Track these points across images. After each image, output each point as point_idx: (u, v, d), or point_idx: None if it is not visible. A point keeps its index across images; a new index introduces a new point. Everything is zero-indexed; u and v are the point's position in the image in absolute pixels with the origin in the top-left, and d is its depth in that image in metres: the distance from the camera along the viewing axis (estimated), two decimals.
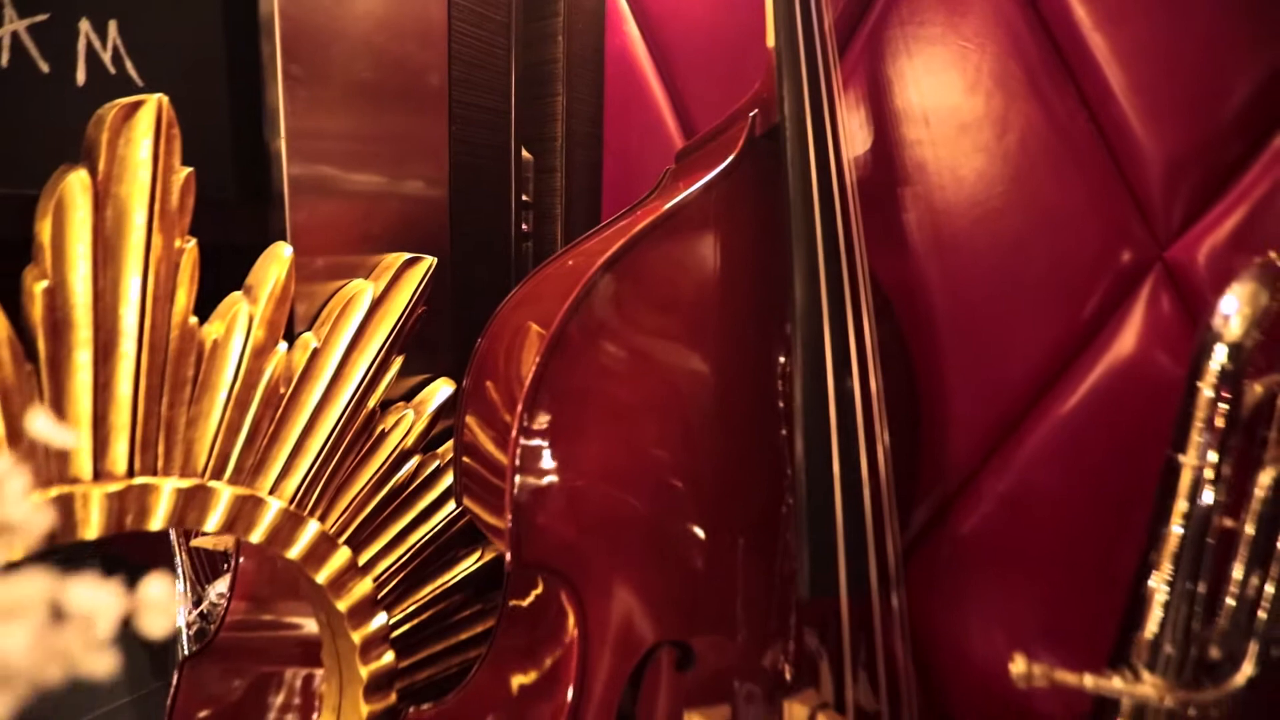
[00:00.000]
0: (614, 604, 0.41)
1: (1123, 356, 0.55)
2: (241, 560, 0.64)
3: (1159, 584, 0.41)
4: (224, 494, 0.44)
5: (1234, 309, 0.39)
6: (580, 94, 0.73)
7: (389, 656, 0.54)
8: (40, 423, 0.18)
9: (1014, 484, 0.59)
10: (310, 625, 0.64)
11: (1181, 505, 0.40)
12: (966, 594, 0.63)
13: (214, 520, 0.44)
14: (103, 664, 0.16)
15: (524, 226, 0.72)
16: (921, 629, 0.63)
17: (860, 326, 0.45)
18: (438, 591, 0.59)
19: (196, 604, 0.97)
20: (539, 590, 0.44)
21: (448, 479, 0.59)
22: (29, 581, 0.15)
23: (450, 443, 0.60)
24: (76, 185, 0.37)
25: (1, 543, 0.15)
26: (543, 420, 0.39)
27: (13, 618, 0.14)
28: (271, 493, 0.47)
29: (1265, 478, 0.41)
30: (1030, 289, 0.57)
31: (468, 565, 0.62)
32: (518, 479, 0.38)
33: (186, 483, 0.43)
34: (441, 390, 0.60)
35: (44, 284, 0.37)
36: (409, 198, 0.59)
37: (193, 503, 0.43)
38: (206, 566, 0.91)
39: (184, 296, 0.43)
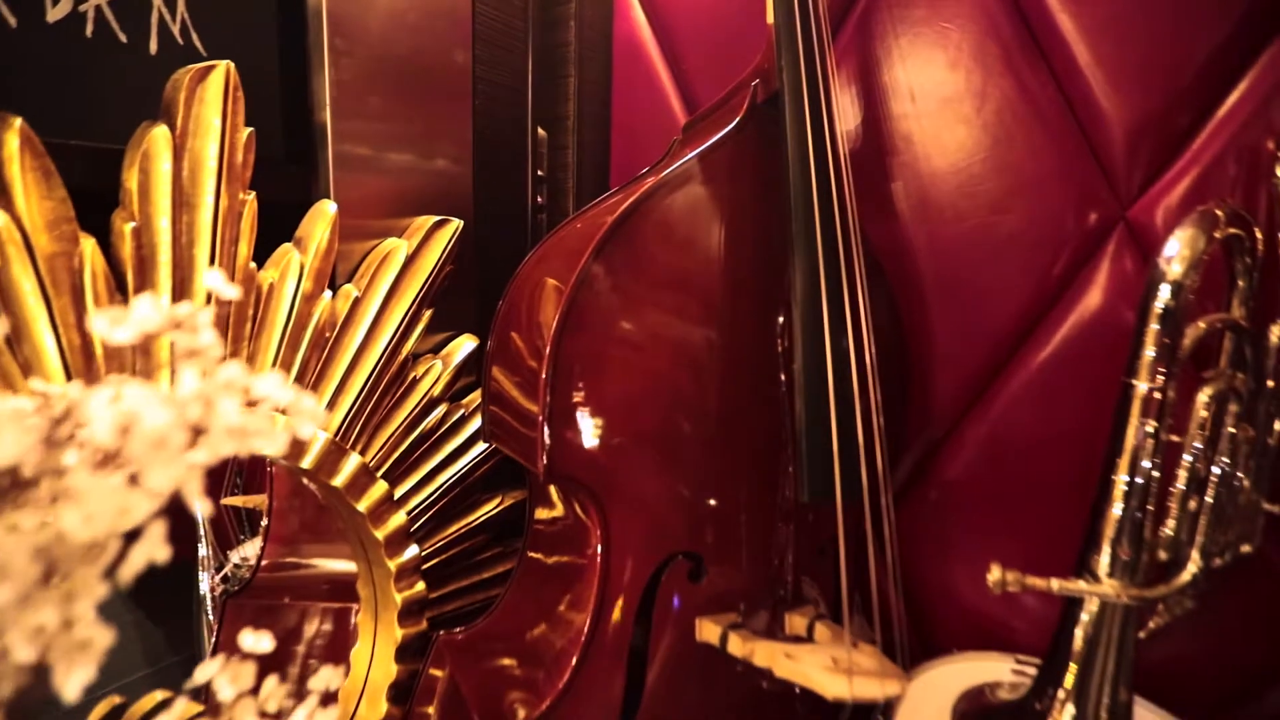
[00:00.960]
0: (633, 515, 0.46)
1: (1091, 310, 0.60)
2: (274, 504, 0.69)
3: (1115, 496, 0.47)
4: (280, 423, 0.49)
5: (1175, 252, 0.45)
6: (591, 76, 0.78)
7: (420, 585, 0.59)
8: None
9: (994, 429, 0.65)
10: (338, 565, 0.68)
11: (1133, 423, 0.45)
12: (953, 534, 0.68)
13: (274, 446, 0.48)
14: (275, 444, 0.21)
15: (539, 199, 0.77)
16: (912, 570, 0.69)
17: (853, 277, 0.50)
18: (462, 531, 0.64)
19: (219, 569, 1.02)
20: (564, 508, 0.49)
21: (470, 427, 0.64)
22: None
23: (473, 394, 0.66)
24: (160, 139, 0.42)
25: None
26: (570, 349, 0.44)
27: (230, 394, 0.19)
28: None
29: (1203, 395, 0.46)
30: (1008, 249, 0.62)
31: (489, 509, 0.67)
32: (549, 399, 0.43)
33: None
34: (465, 345, 0.65)
35: (132, 224, 0.42)
36: (437, 168, 0.64)
37: None
38: (235, 525, 0.95)
39: (245, 244, 0.47)
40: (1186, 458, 0.48)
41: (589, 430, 0.45)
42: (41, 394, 0.20)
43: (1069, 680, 0.49)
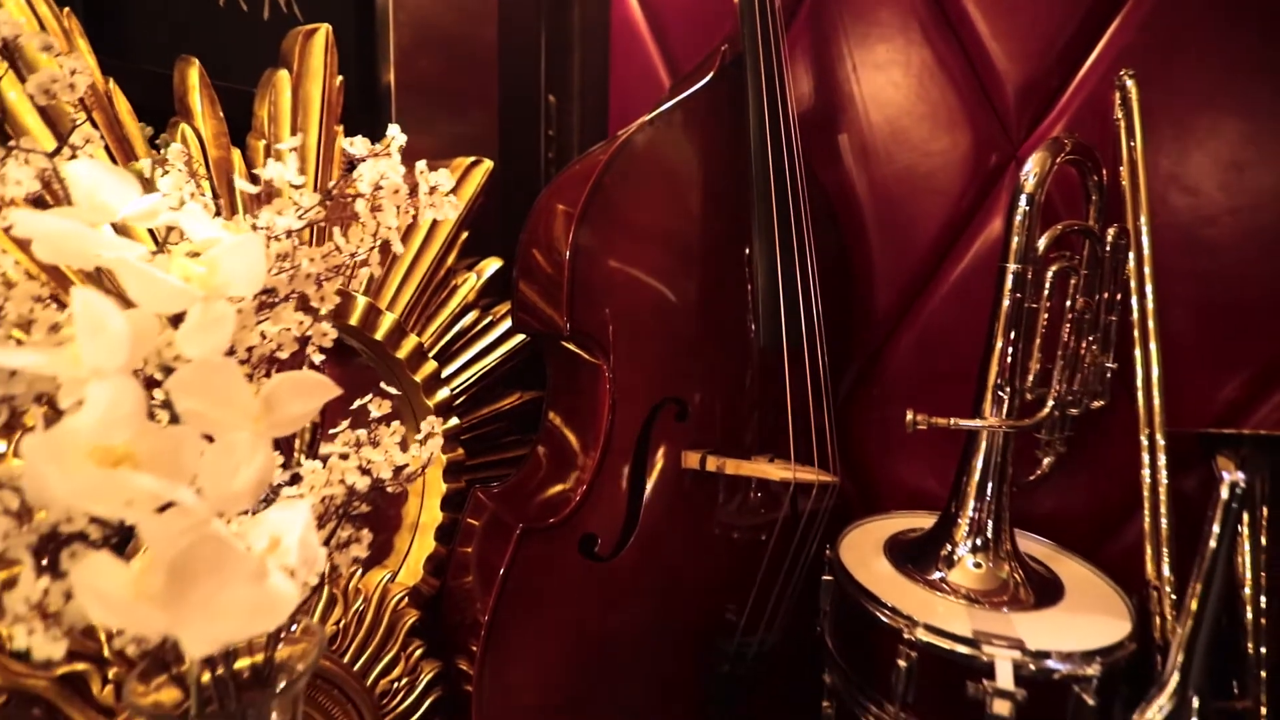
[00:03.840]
0: (633, 365, 0.61)
1: (994, 230, 0.76)
2: None
3: (994, 351, 0.62)
4: (360, 302, 0.64)
5: (1029, 170, 0.61)
6: (592, 50, 0.93)
7: (459, 450, 0.74)
8: None
9: (922, 331, 0.81)
10: None
11: (1005, 295, 0.61)
12: (891, 421, 0.83)
13: (356, 318, 0.63)
14: (447, 210, 0.36)
15: (549, 154, 0.92)
16: (858, 452, 0.84)
17: (798, 193, 0.65)
18: (489, 415, 0.79)
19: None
20: (580, 364, 0.64)
21: (497, 331, 0.79)
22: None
23: (499, 305, 0.80)
24: (284, 79, 0.57)
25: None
26: (583, 245, 0.59)
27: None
28: (388, 309, 0.66)
29: (1048, 272, 0.62)
30: (928, 184, 0.78)
31: (509, 401, 0.82)
32: (570, 274, 0.58)
33: None
34: (493, 264, 0.79)
35: (262, 142, 0.56)
36: (471, 121, 0.79)
37: (350, 306, 0.63)
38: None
39: (336, 167, 0.62)
40: (1043, 320, 0.64)
41: (599, 297, 0.60)
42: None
43: (968, 503, 0.65)
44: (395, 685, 0.63)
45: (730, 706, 0.67)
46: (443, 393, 0.72)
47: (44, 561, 0.30)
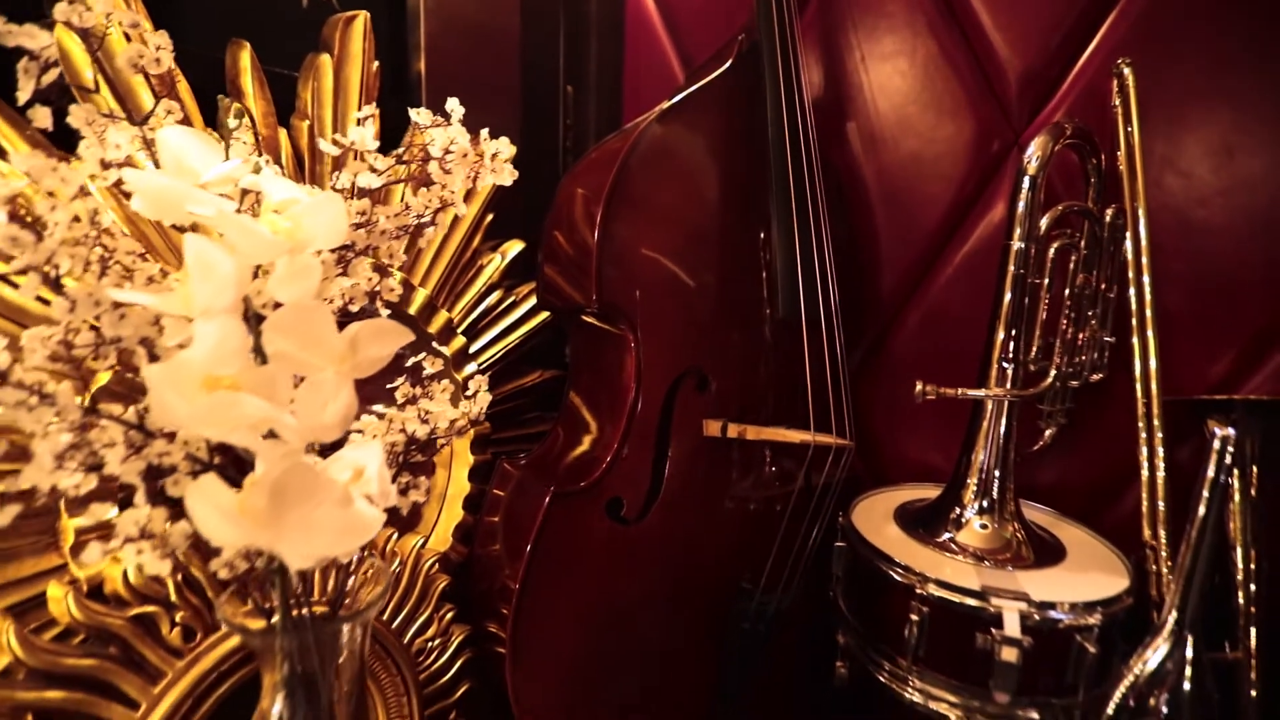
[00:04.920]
0: (658, 338, 0.64)
1: (996, 214, 0.79)
2: None
3: (999, 323, 0.66)
4: (397, 277, 0.66)
5: (1031, 153, 0.64)
6: (607, 42, 0.96)
7: (486, 424, 0.77)
8: None
9: (927, 311, 0.84)
10: None
11: (1009, 270, 0.65)
12: (898, 395, 0.87)
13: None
14: (505, 176, 0.39)
15: (567, 143, 0.95)
16: (868, 425, 0.87)
17: (813, 174, 0.69)
18: (513, 390, 0.82)
19: None
20: (606, 337, 0.67)
21: (519, 310, 0.81)
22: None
23: (520, 286, 0.83)
24: (326, 63, 0.60)
25: None
26: (612, 219, 0.62)
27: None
28: (420, 285, 0.69)
29: (1050, 249, 0.65)
30: (934, 170, 0.81)
31: (531, 379, 0.85)
32: (598, 248, 0.61)
33: None
34: (515, 246, 0.82)
35: (306, 122, 0.59)
36: (495, 110, 0.82)
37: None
38: None
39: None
40: (1045, 296, 0.67)
41: (626, 271, 0.63)
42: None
43: (974, 468, 0.68)
44: (429, 645, 0.66)
45: (748, 665, 0.70)
46: (470, 367, 0.75)
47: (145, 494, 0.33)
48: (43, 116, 0.33)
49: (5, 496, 0.30)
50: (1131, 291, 0.67)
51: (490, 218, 0.78)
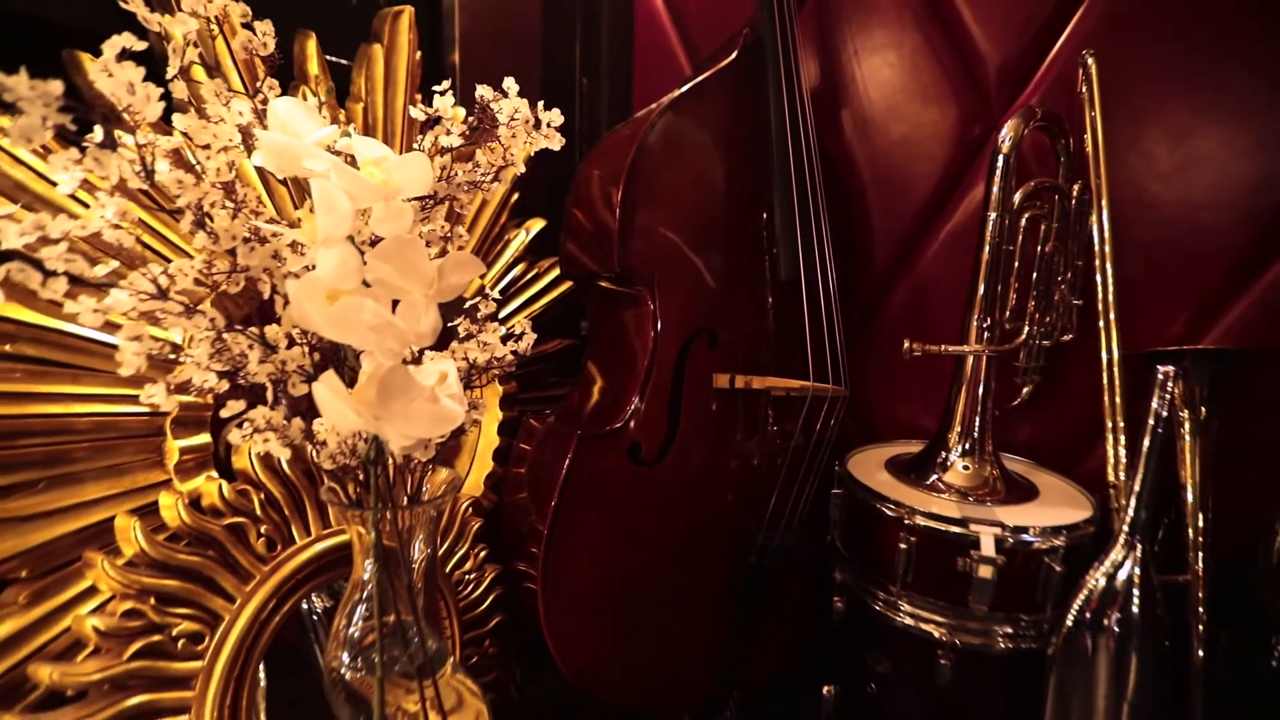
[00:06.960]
0: (673, 298, 0.71)
1: (977, 193, 0.87)
2: None
3: (978, 286, 0.73)
4: (466, 223, 0.74)
5: (1005, 134, 0.72)
6: (617, 36, 1.04)
7: (513, 384, 0.84)
8: None
9: (916, 282, 0.92)
10: None
11: (986, 239, 0.72)
12: (888, 360, 0.94)
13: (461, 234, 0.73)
14: (555, 142, 0.46)
15: (582, 131, 1.03)
16: (861, 387, 0.95)
17: (812, 158, 0.76)
18: (536, 354, 0.89)
19: None
20: (626, 299, 0.74)
21: (541, 283, 0.89)
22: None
23: (542, 261, 0.91)
24: (378, 51, 0.67)
25: None
26: (631, 192, 0.70)
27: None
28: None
29: (1022, 220, 0.73)
30: (921, 153, 0.89)
31: (552, 345, 0.92)
32: (620, 217, 0.68)
33: None
34: (538, 224, 0.90)
35: (360, 104, 0.66)
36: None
37: None
38: None
39: (415, 129, 0.72)
40: (1018, 262, 0.75)
41: (645, 236, 0.70)
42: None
43: (957, 415, 0.76)
44: (467, 577, 0.73)
45: (755, 598, 0.77)
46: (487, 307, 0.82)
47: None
48: (179, 89, 0.40)
49: (170, 386, 0.37)
50: (1096, 259, 0.75)
51: (516, 196, 0.86)
